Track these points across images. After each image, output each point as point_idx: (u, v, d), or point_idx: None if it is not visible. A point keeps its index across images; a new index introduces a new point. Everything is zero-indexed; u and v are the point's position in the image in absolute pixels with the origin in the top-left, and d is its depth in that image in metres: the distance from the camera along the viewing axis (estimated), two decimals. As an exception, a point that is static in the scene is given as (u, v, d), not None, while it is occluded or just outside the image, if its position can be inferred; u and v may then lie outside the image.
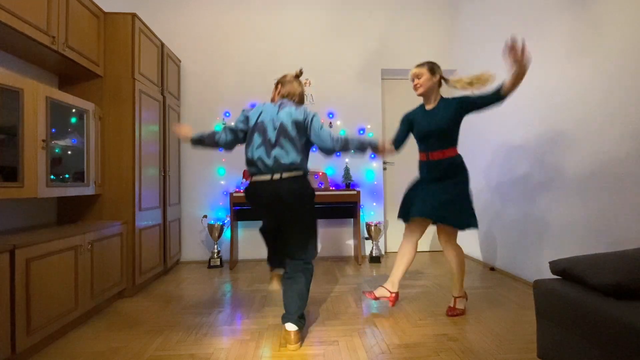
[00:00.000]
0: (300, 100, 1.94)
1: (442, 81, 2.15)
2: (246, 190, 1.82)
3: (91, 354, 1.70)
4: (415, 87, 2.14)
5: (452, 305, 2.14)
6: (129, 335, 1.90)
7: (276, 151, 1.72)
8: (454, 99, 2.08)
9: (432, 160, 2.09)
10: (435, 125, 2.05)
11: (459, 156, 2.13)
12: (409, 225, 2.18)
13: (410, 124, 2.21)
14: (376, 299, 2.20)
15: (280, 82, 1.95)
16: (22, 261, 1.57)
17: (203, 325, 2.01)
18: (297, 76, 1.97)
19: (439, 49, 3.91)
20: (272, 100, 1.97)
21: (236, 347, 1.76)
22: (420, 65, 2.14)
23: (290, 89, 1.91)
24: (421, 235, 2.19)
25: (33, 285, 1.63)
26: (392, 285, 2.17)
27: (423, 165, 2.15)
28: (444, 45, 3.91)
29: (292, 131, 1.75)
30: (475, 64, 3.49)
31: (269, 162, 1.71)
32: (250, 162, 1.77)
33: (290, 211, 1.77)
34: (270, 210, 1.82)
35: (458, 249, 2.14)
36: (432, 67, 2.12)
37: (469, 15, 3.61)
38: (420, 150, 2.16)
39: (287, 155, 1.72)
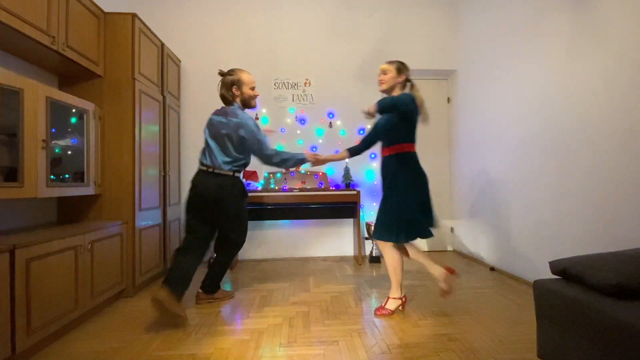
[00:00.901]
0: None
1: (408, 83, 2.24)
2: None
3: (91, 354, 1.70)
4: (380, 83, 2.23)
5: (382, 304, 2.17)
6: (129, 335, 1.90)
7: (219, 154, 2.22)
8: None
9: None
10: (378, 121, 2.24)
11: (392, 157, 2.12)
12: None
13: None
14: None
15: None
16: (22, 261, 1.57)
17: (203, 325, 2.01)
18: (221, 74, 2.35)
19: (439, 48, 3.91)
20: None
21: (236, 347, 1.76)
22: (390, 62, 2.22)
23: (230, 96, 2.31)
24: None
25: (33, 285, 1.63)
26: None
27: None
28: (444, 45, 3.91)
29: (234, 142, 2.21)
30: (475, 63, 3.49)
31: (213, 161, 2.21)
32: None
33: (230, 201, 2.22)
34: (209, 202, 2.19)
35: (388, 252, 2.14)
36: (400, 67, 2.20)
37: (469, 15, 3.61)
38: None
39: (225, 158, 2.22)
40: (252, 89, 2.33)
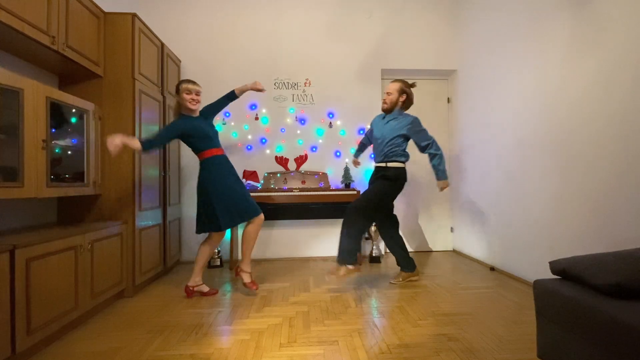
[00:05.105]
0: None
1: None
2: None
3: (91, 354, 1.70)
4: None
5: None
6: (129, 335, 1.90)
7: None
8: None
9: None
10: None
11: (200, 163, 2.45)
12: None
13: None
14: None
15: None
16: (22, 261, 1.57)
17: (203, 325, 2.01)
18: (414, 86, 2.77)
19: (439, 49, 3.91)
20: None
21: (236, 347, 1.76)
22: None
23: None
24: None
25: (33, 285, 1.63)
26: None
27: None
28: (445, 45, 3.91)
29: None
30: (475, 63, 3.49)
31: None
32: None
33: None
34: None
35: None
36: None
37: (470, 15, 3.61)
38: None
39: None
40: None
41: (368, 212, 2.54)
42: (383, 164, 2.66)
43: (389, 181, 2.61)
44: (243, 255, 2.55)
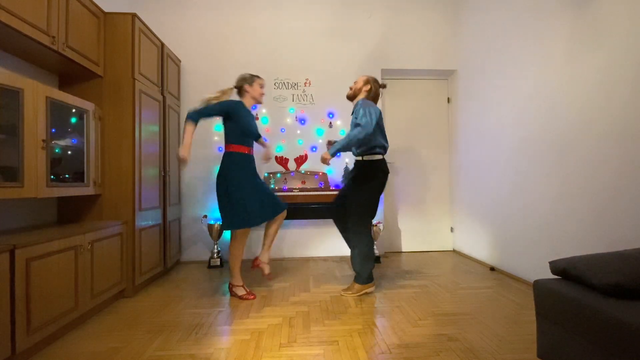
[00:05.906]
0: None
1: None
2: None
3: (91, 354, 1.70)
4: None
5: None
6: (129, 335, 1.90)
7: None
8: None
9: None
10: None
11: (225, 154, 2.45)
12: None
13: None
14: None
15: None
16: (22, 261, 1.57)
17: (203, 325, 2.01)
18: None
19: (439, 49, 3.91)
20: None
21: (236, 347, 1.76)
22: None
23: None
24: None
25: (33, 285, 1.63)
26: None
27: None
28: (444, 45, 3.91)
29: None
30: (475, 63, 3.49)
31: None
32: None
33: None
34: None
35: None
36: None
37: (470, 14, 3.61)
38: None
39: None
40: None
41: (364, 224, 2.50)
42: (360, 157, 2.56)
43: (367, 181, 2.47)
44: (232, 270, 2.49)
